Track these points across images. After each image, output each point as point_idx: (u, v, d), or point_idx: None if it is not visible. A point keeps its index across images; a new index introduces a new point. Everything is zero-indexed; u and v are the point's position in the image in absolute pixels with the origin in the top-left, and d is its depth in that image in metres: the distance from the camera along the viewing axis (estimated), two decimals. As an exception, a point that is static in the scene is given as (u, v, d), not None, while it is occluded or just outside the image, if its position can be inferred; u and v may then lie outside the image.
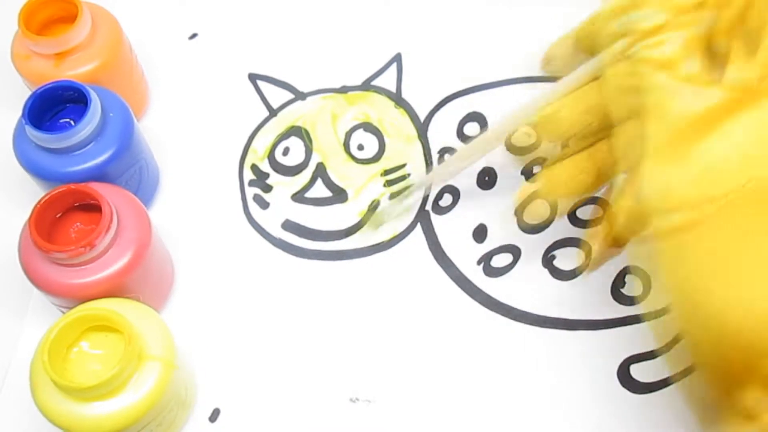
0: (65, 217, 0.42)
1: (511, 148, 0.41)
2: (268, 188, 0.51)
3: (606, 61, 0.37)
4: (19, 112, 0.43)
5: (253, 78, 0.55)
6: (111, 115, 0.44)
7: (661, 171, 0.32)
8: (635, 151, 0.34)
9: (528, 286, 0.47)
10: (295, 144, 0.52)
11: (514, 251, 0.48)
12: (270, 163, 0.51)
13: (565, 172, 0.41)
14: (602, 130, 0.40)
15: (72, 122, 0.45)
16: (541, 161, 0.41)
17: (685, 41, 0.33)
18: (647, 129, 0.33)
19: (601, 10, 0.39)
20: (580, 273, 0.45)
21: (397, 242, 0.49)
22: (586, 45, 0.41)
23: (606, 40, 0.37)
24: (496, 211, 0.49)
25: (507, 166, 0.49)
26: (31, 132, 0.42)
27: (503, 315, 0.46)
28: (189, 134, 0.53)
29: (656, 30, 0.34)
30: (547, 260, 0.48)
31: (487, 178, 0.50)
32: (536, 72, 0.54)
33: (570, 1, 0.57)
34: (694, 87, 0.32)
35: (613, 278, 0.47)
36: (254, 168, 0.51)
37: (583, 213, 0.48)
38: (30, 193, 0.47)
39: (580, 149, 0.41)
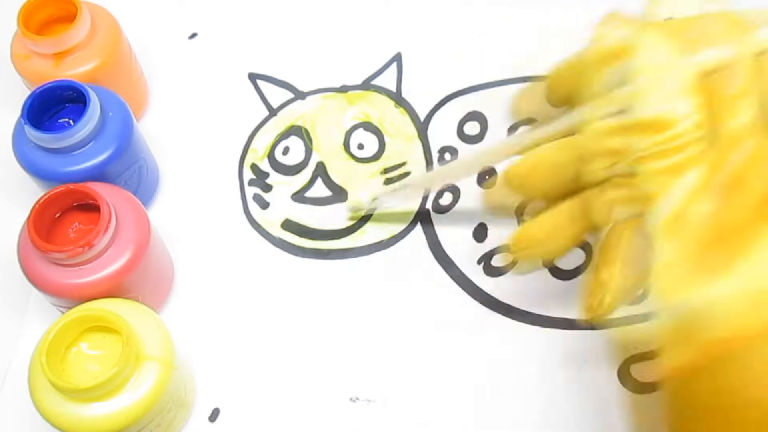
0: (64, 217, 0.42)
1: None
2: (268, 188, 0.51)
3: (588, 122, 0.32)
4: (19, 112, 0.43)
5: (253, 78, 0.55)
6: (110, 114, 0.44)
7: (684, 292, 0.27)
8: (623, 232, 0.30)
9: (528, 285, 0.47)
10: (295, 143, 0.52)
11: (515, 251, 0.48)
12: (270, 162, 0.51)
13: (539, 230, 0.35)
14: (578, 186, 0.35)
15: (71, 122, 0.45)
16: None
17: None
18: (656, 241, 0.28)
19: (581, 57, 0.33)
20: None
21: (397, 241, 0.49)
22: (561, 95, 0.34)
23: (589, 96, 0.32)
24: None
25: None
26: (30, 132, 0.42)
27: (503, 314, 0.46)
28: (189, 134, 0.53)
29: (660, 126, 0.28)
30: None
31: (488, 177, 0.50)
32: (536, 72, 0.54)
33: (569, 2, 0.57)
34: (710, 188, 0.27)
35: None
36: (254, 167, 0.51)
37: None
38: (29, 192, 0.47)
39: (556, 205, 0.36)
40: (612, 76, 0.29)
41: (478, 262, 0.48)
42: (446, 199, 0.50)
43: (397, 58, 0.55)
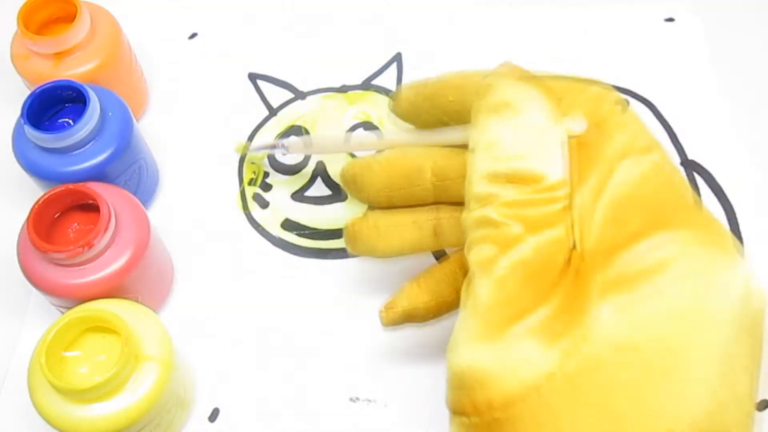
0: (64, 217, 0.42)
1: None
2: (267, 187, 0.51)
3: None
4: (19, 112, 0.43)
5: (253, 78, 0.55)
6: (110, 114, 0.44)
7: (465, 347, 0.28)
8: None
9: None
10: (295, 143, 0.52)
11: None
12: (270, 162, 0.51)
13: (380, 221, 0.38)
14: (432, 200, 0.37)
15: (71, 122, 0.45)
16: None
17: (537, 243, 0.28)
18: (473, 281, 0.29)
19: (464, 82, 0.35)
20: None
21: (397, 242, 0.49)
22: (438, 108, 0.36)
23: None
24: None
25: None
26: (29, 132, 0.42)
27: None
28: (189, 134, 0.53)
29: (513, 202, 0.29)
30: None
31: None
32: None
33: (570, 2, 0.57)
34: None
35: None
36: (254, 167, 0.51)
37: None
38: (29, 192, 0.47)
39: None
40: (494, 125, 0.30)
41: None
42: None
43: (397, 58, 0.55)
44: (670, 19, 0.56)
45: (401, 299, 0.38)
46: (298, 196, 0.50)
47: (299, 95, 0.54)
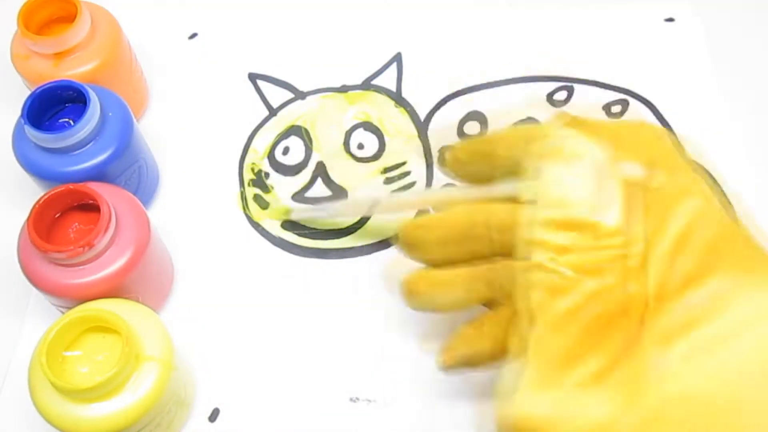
0: (64, 217, 0.42)
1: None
2: (268, 188, 0.51)
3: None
4: (19, 112, 0.43)
5: (253, 78, 0.55)
6: (110, 114, 0.44)
7: (533, 399, 0.28)
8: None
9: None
10: (295, 143, 0.52)
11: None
12: (270, 162, 0.51)
13: (436, 277, 0.37)
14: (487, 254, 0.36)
15: (71, 122, 0.45)
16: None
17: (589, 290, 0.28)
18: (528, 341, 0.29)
19: (528, 136, 0.34)
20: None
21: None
22: (488, 163, 0.36)
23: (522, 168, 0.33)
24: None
25: None
26: (30, 132, 0.42)
27: (503, 315, 0.46)
28: (189, 134, 0.53)
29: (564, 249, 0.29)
30: (548, 260, 0.47)
31: None
32: (536, 72, 0.54)
33: (570, 2, 0.57)
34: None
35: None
36: (254, 167, 0.51)
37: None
38: (29, 192, 0.47)
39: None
40: (551, 171, 0.31)
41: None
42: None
43: (397, 58, 0.55)
44: (670, 19, 0.56)
45: (460, 343, 0.37)
46: (299, 196, 0.50)
47: (299, 95, 0.54)
